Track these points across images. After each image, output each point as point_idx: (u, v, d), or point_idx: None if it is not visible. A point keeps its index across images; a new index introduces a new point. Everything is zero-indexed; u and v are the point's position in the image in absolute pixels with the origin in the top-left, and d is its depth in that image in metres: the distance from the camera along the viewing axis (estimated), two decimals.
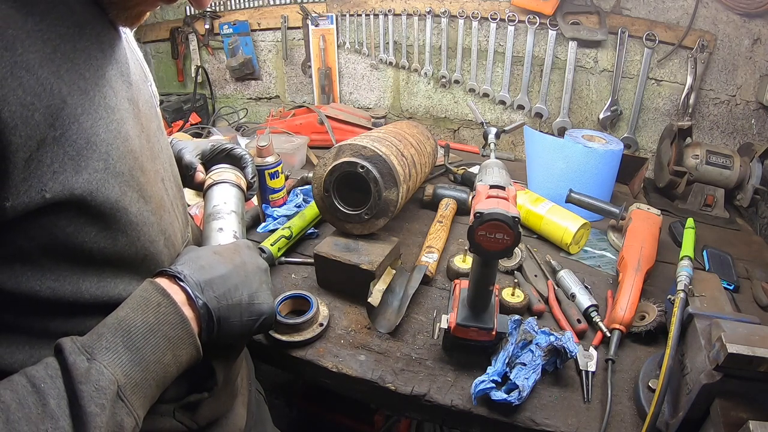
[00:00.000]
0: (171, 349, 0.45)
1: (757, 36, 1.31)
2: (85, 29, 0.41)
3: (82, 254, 0.42)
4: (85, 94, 0.40)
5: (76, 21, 0.40)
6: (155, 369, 0.44)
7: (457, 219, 1.15)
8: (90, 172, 0.40)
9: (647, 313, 0.82)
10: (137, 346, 0.43)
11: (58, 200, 0.38)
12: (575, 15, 1.45)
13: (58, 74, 0.37)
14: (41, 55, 0.36)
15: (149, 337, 0.44)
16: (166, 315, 0.46)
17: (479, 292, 0.70)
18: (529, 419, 0.67)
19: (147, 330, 0.44)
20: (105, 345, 0.41)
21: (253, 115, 1.99)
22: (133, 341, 0.43)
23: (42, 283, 0.40)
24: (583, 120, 1.58)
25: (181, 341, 0.46)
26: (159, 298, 0.46)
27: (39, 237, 0.39)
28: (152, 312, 0.45)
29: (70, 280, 0.42)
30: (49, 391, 0.37)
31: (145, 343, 0.44)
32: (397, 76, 1.75)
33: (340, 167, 0.90)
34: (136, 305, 0.45)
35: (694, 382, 0.58)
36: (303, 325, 0.78)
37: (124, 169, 0.43)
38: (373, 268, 0.83)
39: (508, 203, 0.62)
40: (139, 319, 0.44)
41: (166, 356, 0.45)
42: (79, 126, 0.39)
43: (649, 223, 1.02)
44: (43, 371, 0.38)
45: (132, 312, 0.45)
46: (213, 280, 0.51)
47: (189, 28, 1.87)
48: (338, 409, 1.38)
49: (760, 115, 1.37)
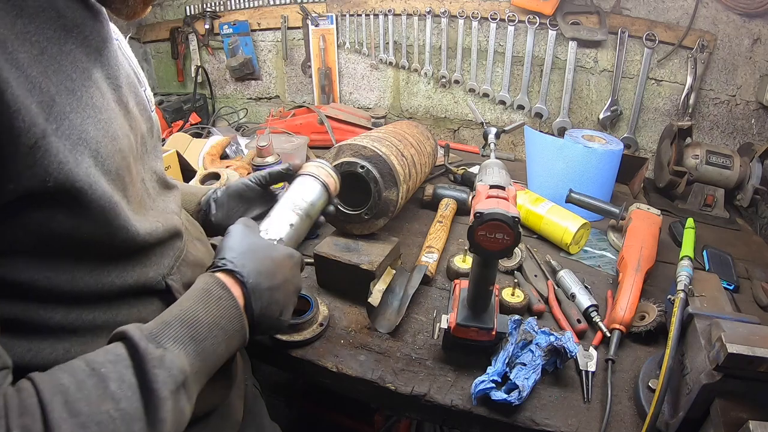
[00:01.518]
0: (226, 341, 0.49)
1: (757, 36, 1.31)
2: (72, 33, 0.42)
3: (79, 247, 0.44)
4: (72, 94, 0.41)
5: (63, 24, 0.41)
6: (212, 359, 0.47)
7: (457, 219, 1.15)
8: (86, 167, 0.41)
9: (647, 313, 0.82)
10: (201, 337, 0.46)
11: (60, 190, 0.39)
12: (575, 15, 1.45)
13: (46, 74, 0.38)
14: (29, 56, 0.37)
15: (212, 330, 0.47)
16: (227, 309, 0.49)
17: (479, 292, 0.70)
18: (529, 419, 0.67)
19: (211, 323, 0.47)
20: (173, 335, 0.44)
21: (253, 115, 1.99)
22: (198, 332, 0.46)
23: (39, 272, 0.41)
24: (583, 120, 1.58)
25: (236, 334, 0.50)
26: (220, 293, 0.50)
27: (38, 230, 0.40)
28: (214, 305, 0.48)
29: (65, 269, 0.43)
30: (109, 375, 0.38)
31: (208, 334, 0.47)
32: (397, 76, 1.75)
33: (340, 167, 0.90)
34: (198, 298, 0.48)
35: (694, 382, 0.58)
36: (303, 325, 0.79)
37: (112, 167, 0.44)
38: (373, 268, 0.83)
39: (508, 203, 0.62)
40: (203, 311, 0.47)
41: (220, 347, 0.48)
42: (70, 122, 0.40)
43: (649, 223, 1.02)
44: (103, 356, 0.40)
45: (196, 304, 0.48)
46: (263, 292, 0.54)
47: (189, 28, 1.87)
48: (338, 409, 1.38)
49: (760, 115, 1.37)
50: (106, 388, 0.37)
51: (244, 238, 0.58)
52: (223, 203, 0.75)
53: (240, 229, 0.59)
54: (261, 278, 0.54)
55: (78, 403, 0.36)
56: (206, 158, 1.38)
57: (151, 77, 2.07)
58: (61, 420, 0.34)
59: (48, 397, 0.35)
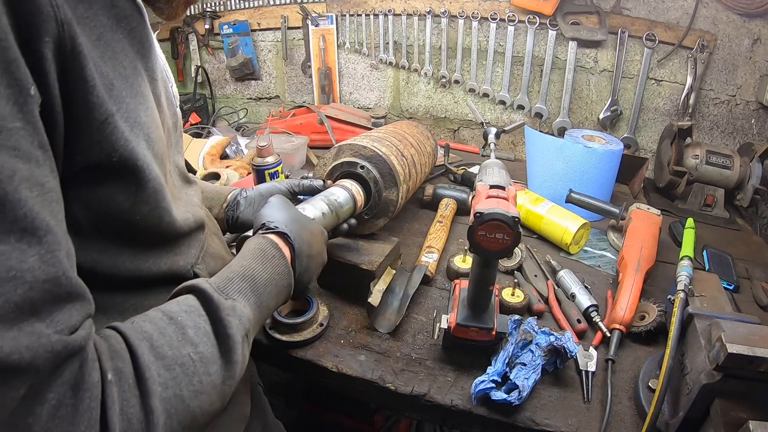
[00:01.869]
0: (276, 296, 0.54)
1: (757, 36, 1.31)
2: (122, 23, 0.43)
3: (129, 230, 0.45)
4: (126, 80, 0.42)
5: (115, 14, 0.42)
6: (265, 312, 0.52)
7: (457, 219, 1.15)
8: (143, 148, 0.43)
9: (647, 313, 0.82)
10: (260, 291, 0.50)
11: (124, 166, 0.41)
12: (575, 15, 1.45)
13: (104, 59, 0.40)
14: (89, 40, 0.38)
15: (268, 285, 0.52)
16: (279, 266, 0.55)
17: (479, 292, 0.70)
18: (529, 419, 0.67)
19: (268, 278, 0.52)
20: (237, 288, 0.48)
21: (253, 115, 1.99)
22: (257, 287, 0.50)
23: (87, 255, 0.42)
24: (583, 120, 1.58)
25: (284, 290, 0.56)
26: (274, 252, 0.55)
27: (96, 210, 0.41)
28: (269, 263, 0.54)
29: (110, 254, 0.45)
30: (186, 322, 0.42)
31: (265, 289, 0.51)
32: (397, 76, 1.75)
33: (340, 167, 0.90)
34: (255, 256, 0.53)
35: (694, 382, 0.58)
36: (303, 325, 0.78)
37: (158, 152, 0.47)
38: (373, 268, 0.83)
39: (508, 203, 0.62)
40: (261, 268, 0.52)
41: (272, 301, 0.53)
42: (127, 106, 0.41)
43: (649, 223, 1.02)
44: (177, 307, 0.43)
45: (254, 262, 0.52)
46: (303, 258, 0.59)
47: (189, 28, 1.87)
48: (338, 409, 1.38)
49: (760, 115, 1.37)
50: (184, 334, 0.41)
51: (286, 209, 0.64)
52: (253, 202, 0.80)
53: (281, 201, 0.65)
54: (303, 245, 0.59)
55: (162, 347, 0.39)
56: (206, 158, 1.38)
57: None
58: (150, 362, 0.37)
59: (136, 342, 0.37)
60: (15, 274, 0.29)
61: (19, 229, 0.30)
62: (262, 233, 0.58)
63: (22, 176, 0.30)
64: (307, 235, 0.61)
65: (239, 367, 0.44)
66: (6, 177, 0.29)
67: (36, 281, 0.30)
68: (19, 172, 0.30)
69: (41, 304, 0.31)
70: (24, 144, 0.30)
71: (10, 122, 0.30)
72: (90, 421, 0.32)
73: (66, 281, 0.33)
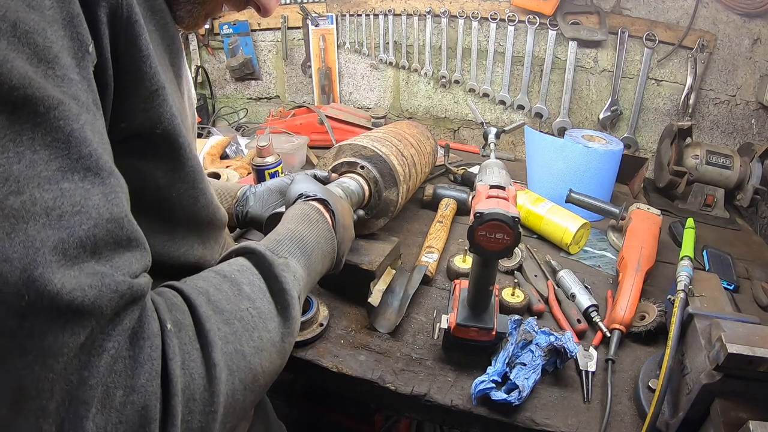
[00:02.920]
0: (322, 259, 0.54)
1: (757, 36, 1.31)
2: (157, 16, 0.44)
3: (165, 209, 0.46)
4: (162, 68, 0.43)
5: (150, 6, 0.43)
6: (313, 275, 0.52)
7: (457, 219, 1.15)
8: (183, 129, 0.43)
9: (647, 313, 0.82)
10: (309, 253, 0.51)
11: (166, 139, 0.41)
12: (575, 15, 1.45)
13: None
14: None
15: (315, 248, 0.53)
16: (324, 231, 0.56)
17: (479, 292, 0.70)
18: (529, 419, 0.67)
19: (315, 241, 0.53)
20: (287, 249, 0.48)
21: (253, 115, 1.99)
22: (306, 249, 0.51)
23: None
24: (583, 120, 1.58)
25: (329, 255, 0.56)
26: (318, 216, 0.56)
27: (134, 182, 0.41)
28: (315, 227, 0.55)
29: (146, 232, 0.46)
30: (241, 279, 0.41)
31: (313, 251, 0.52)
32: (397, 76, 1.75)
33: (340, 167, 0.90)
34: (300, 220, 0.54)
35: (694, 382, 0.58)
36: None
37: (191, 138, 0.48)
38: (373, 268, 0.83)
39: (508, 203, 0.62)
40: (308, 231, 0.53)
41: (319, 265, 0.54)
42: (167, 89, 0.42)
43: (649, 223, 1.02)
44: (228, 267, 0.43)
45: (300, 225, 0.53)
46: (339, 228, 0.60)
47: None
48: (338, 409, 1.38)
49: (760, 115, 1.37)
50: (240, 290, 0.40)
51: (315, 182, 0.65)
52: (262, 197, 0.80)
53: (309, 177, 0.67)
54: (339, 216, 0.61)
55: (220, 302, 0.38)
56: (206, 158, 1.38)
57: None
58: (209, 315, 0.36)
59: (193, 296, 0.37)
60: (80, 209, 0.28)
61: (83, 168, 0.29)
62: (303, 201, 0.59)
63: (86, 120, 0.30)
64: (340, 207, 0.63)
65: (297, 325, 0.44)
66: (72, 116, 0.28)
67: (101, 218, 0.29)
68: (83, 115, 0.30)
69: (104, 245, 0.29)
70: (83, 96, 0.30)
71: (71, 73, 0.30)
72: (151, 372, 0.30)
73: (128, 225, 0.32)
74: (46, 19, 0.28)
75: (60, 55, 0.29)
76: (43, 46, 0.28)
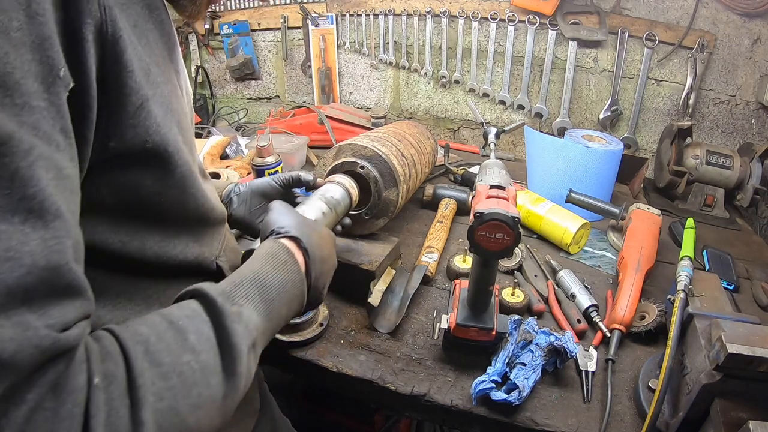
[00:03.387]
0: (288, 304, 0.50)
1: (757, 36, 1.31)
2: (153, 14, 0.44)
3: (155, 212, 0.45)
4: (159, 67, 0.43)
5: (147, 4, 0.43)
6: (276, 321, 0.48)
7: (457, 219, 1.15)
8: (174, 134, 0.43)
9: (647, 313, 0.82)
10: (270, 298, 0.47)
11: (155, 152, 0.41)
12: (575, 15, 1.45)
13: (141, 45, 0.40)
14: (129, 26, 0.39)
15: (279, 292, 0.49)
16: (292, 273, 0.51)
17: (479, 292, 0.70)
18: (529, 419, 0.67)
19: (279, 285, 0.49)
20: (245, 294, 0.45)
21: (253, 115, 1.99)
22: (268, 294, 0.47)
23: (114, 236, 0.43)
24: (583, 120, 1.58)
25: (296, 299, 0.52)
26: (286, 257, 0.52)
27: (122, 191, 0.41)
28: (281, 269, 0.50)
29: (139, 235, 0.45)
30: (187, 328, 0.38)
31: (276, 296, 0.48)
32: (397, 76, 1.75)
33: (340, 167, 0.90)
34: (266, 261, 0.50)
35: (694, 382, 0.58)
36: (303, 325, 0.78)
37: (188, 140, 0.47)
38: (373, 268, 0.83)
39: (508, 203, 0.62)
40: (272, 273, 0.49)
41: (283, 310, 0.50)
42: (161, 91, 0.42)
43: (649, 223, 1.02)
44: (179, 312, 0.40)
45: (264, 266, 0.49)
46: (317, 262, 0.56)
47: (189, 28, 1.87)
48: (338, 409, 1.38)
49: (760, 115, 1.37)
50: (185, 340, 0.37)
51: (291, 214, 0.61)
52: (246, 199, 0.77)
53: (284, 206, 0.62)
54: (316, 249, 0.56)
55: (159, 353, 0.35)
56: (206, 158, 1.38)
57: None
58: (144, 369, 0.34)
59: (130, 345, 0.34)
60: (13, 254, 0.27)
61: (26, 209, 0.28)
62: (274, 238, 0.55)
63: (40, 154, 0.28)
64: (317, 238, 0.59)
65: (243, 381, 0.41)
66: (21, 152, 0.27)
67: (35, 266, 0.28)
68: (36, 149, 0.28)
69: (36, 293, 0.28)
70: (45, 125, 0.29)
71: (34, 100, 0.29)
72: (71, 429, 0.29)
73: (68, 273, 0.30)
74: (12, 41, 0.27)
75: (23, 80, 0.28)
76: (3, 72, 0.27)
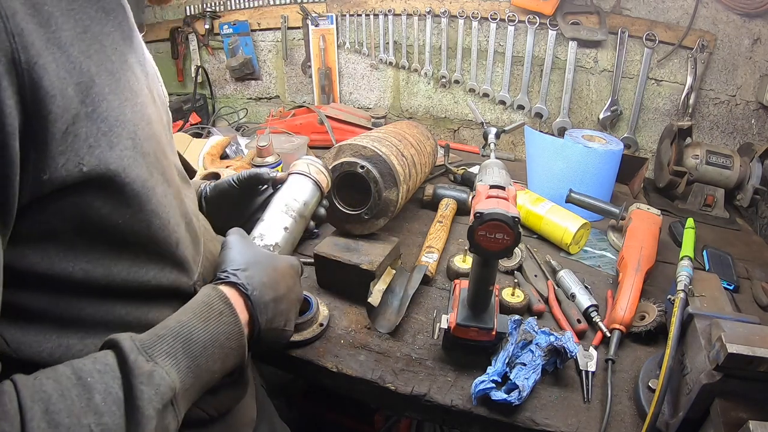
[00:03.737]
0: (222, 358, 0.47)
1: (757, 36, 1.31)
2: (110, 15, 0.43)
3: (116, 236, 0.43)
4: (112, 75, 0.41)
5: (102, 6, 0.42)
6: (205, 376, 0.45)
7: (457, 219, 1.15)
8: (121, 149, 0.41)
9: (647, 313, 0.82)
10: (195, 353, 0.44)
11: (95, 175, 0.38)
12: (575, 15, 1.45)
13: (88, 53, 0.38)
14: (74, 33, 0.37)
15: (208, 346, 0.45)
16: (227, 325, 0.47)
17: (479, 292, 0.70)
18: (529, 419, 0.67)
19: (207, 339, 0.45)
20: (165, 349, 0.42)
21: (253, 115, 1.99)
22: (192, 349, 0.44)
23: (75, 264, 0.41)
24: (583, 120, 1.58)
25: (233, 352, 0.48)
26: (222, 307, 0.48)
27: (73, 217, 0.39)
28: (214, 321, 0.47)
29: (103, 262, 0.43)
30: (95, 386, 0.37)
31: (203, 351, 0.45)
32: (397, 76, 1.75)
33: (340, 167, 0.90)
34: (198, 311, 0.46)
35: (694, 382, 0.58)
36: (303, 325, 0.79)
37: (149, 150, 0.44)
38: (373, 268, 0.83)
39: (508, 203, 0.62)
40: (201, 327, 0.45)
41: (216, 364, 0.46)
42: (108, 104, 0.40)
43: (649, 223, 1.02)
44: (91, 365, 0.38)
45: (194, 318, 0.46)
46: (268, 304, 0.53)
47: (189, 28, 1.87)
48: (338, 409, 1.38)
49: (760, 115, 1.37)
50: (90, 399, 0.36)
51: (245, 249, 0.57)
52: (216, 204, 0.75)
53: (239, 240, 0.58)
54: (265, 290, 0.53)
55: (59, 414, 0.34)
56: (206, 158, 1.38)
57: None
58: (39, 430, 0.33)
59: (28, 404, 0.33)
60: None
61: None
62: (213, 284, 0.51)
63: None
64: (271, 276, 0.54)
65: None
66: None
67: None
68: None
69: None
70: None
71: None
72: None
73: None
74: None
75: None
76: None
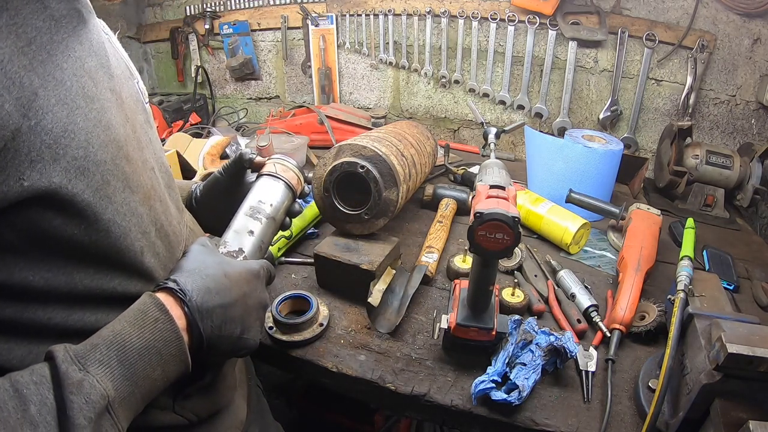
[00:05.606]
0: (162, 365, 0.46)
1: (757, 36, 1.31)
2: (62, 22, 0.42)
3: (74, 246, 0.43)
4: (62, 84, 0.40)
5: (50, 15, 0.41)
6: (144, 384, 0.44)
7: (457, 219, 1.15)
8: (69, 160, 0.40)
9: (647, 313, 0.82)
10: (131, 361, 0.43)
11: (38, 189, 0.38)
12: (575, 15, 1.45)
13: (31, 67, 0.38)
14: (14, 48, 0.37)
15: (143, 354, 0.44)
16: (163, 332, 0.46)
17: (479, 292, 0.70)
18: (529, 419, 0.67)
19: (142, 346, 0.44)
20: (99, 357, 0.41)
21: (253, 115, 1.99)
22: (127, 356, 0.43)
23: (35, 273, 0.41)
24: (583, 120, 1.58)
25: (173, 358, 0.47)
26: (157, 314, 0.46)
27: (27, 230, 0.39)
28: (149, 328, 0.45)
29: (64, 271, 0.43)
30: (31, 398, 0.37)
31: (138, 358, 0.44)
32: (397, 76, 1.75)
33: (340, 167, 0.90)
34: (133, 319, 0.45)
35: (694, 382, 0.58)
36: (303, 325, 0.78)
37: (106, 157, 0.43)
38: (373, 268, 0.83)
39: (508, 203, 0.62)
40: (136, 334, 0.44)
41: (156, 372, 0.45)
42: (53, 115, 0.39)
43: (649, 223, 1.02)
44: (28, 377, 0.38)
45: (129, 326, 0.45)
46: (214, 310, 0.50)
47: (189, 28, 1.87)
48: (338, 409, 1.38)
49: (760, 115, 1.37)
50: (25, 411, 0.36)
51: (197, 256, 0.55)
52: (204, 198, 0.74)
53: (196, 249, 0.57)
54: (209, 296, 0.50)
55: None
56: (206, 158, 1.38)
57: (151, 77, 2.07)
58: None
59: None
60: None
61: None
62: (150, 291, 0.49)
63: None
64: (220, 282, 0.52)
65: None
66: None
67: None
68: None
69: None
70: None
71: None
72: None
73: None
74: None
75: None
76: None
